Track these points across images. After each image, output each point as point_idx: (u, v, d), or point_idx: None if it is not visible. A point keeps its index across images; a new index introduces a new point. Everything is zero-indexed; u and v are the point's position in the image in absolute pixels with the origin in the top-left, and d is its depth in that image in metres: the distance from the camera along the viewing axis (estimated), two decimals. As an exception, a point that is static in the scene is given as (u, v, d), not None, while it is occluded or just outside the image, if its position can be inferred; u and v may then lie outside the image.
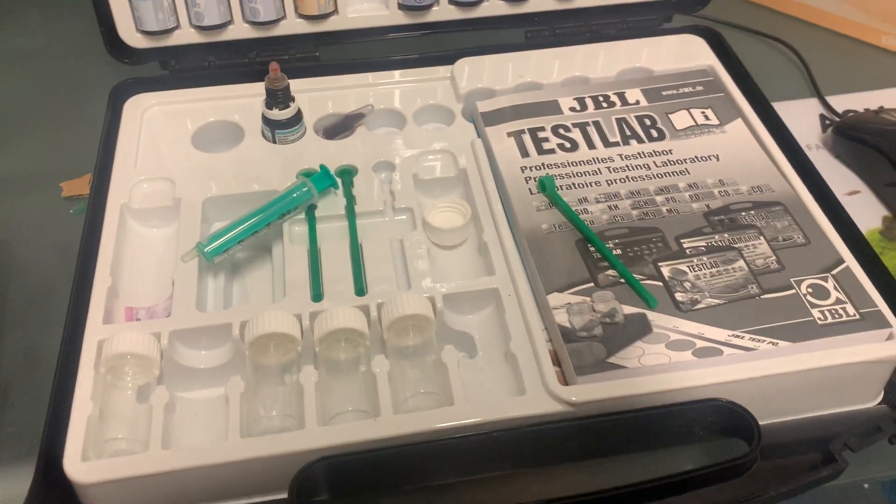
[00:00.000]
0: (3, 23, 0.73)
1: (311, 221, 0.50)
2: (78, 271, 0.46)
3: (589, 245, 0.47)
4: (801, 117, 0.64)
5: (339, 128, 0.57)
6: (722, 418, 0.40)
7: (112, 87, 0.58)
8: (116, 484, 0.38)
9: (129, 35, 0.58)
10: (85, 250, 0.47)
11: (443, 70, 0.60)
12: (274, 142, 0.55)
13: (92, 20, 0.71)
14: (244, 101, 0.57)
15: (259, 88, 0.57)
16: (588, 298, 0.44)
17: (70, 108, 0.64)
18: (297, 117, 0.55)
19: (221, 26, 0.58)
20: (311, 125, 0.56)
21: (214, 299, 0.47)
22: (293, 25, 0.59)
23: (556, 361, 0.42)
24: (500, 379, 0.43)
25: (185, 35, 0.58)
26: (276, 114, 0.54)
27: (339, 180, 0.52)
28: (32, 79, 0.67)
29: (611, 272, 0.45)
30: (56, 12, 0.73)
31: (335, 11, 0.59)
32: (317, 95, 0.58)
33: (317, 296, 0.45)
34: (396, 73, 0.60)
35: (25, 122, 0.63)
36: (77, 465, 0.38)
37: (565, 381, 0.41)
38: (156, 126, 0.56)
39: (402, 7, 0.60)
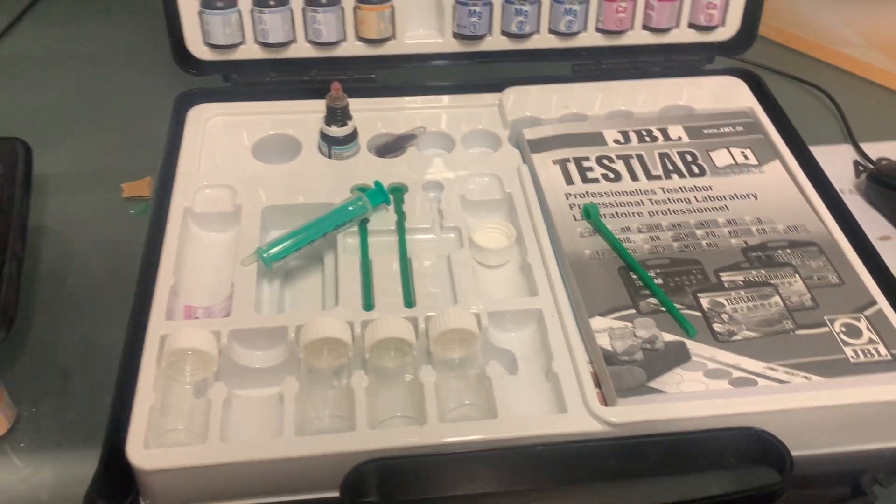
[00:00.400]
0: (67, 28, 0.76)
1: (364, 234, 0.52)
2: (142, 269, 0.48)
3: (631, 273, 0.49)
4: (836, 162, 0.66)
5: (390, 147, 0.59)
6: (755, 447, 0.42)
7: (176, 96, 0.60)
8: (176, 472, 0.40)
9: (197, 47, 0.60)
10: (149, 249, 0.49)
11: (491, 97, 0.63)
12: (329, 157, 0.57)
13: (153, 30, 0.74)
14: (302, 116, 0.60)
15: (316, 105, 0.59)
16: (630, 324, 0.46)
17: (130, 112, 0.67)
18: (353, 135, 0.57)
19: (284, 44, 0.61)
20: (365, 143, 0.59)
21: (269, 303, 0.50)
22: (352, 48, 0.62)
23: (597, 383, 0.44)
24: (541, 396, 0.45)
25: (249, 50, 0.61)
26: (335, 130, 0.56)
27: (391, 197, 0.54)
28: (95, 82, 0.70)
29: (652, 300, 0.47)
30: (118, 21, 0.77)
31: (393, 36, 0.62)
32: (370, 115, 0.60)
33: (368, 305, 0.47)
34: (447, 98, 0.63)
35: (88, 123, 0.66)
36: (139, 453, 0.40)
37: (605, 403, 0.43)
38: (217, 135, 0.59)
39: (456, 35, 0.62)
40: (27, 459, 0.45)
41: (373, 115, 0.61)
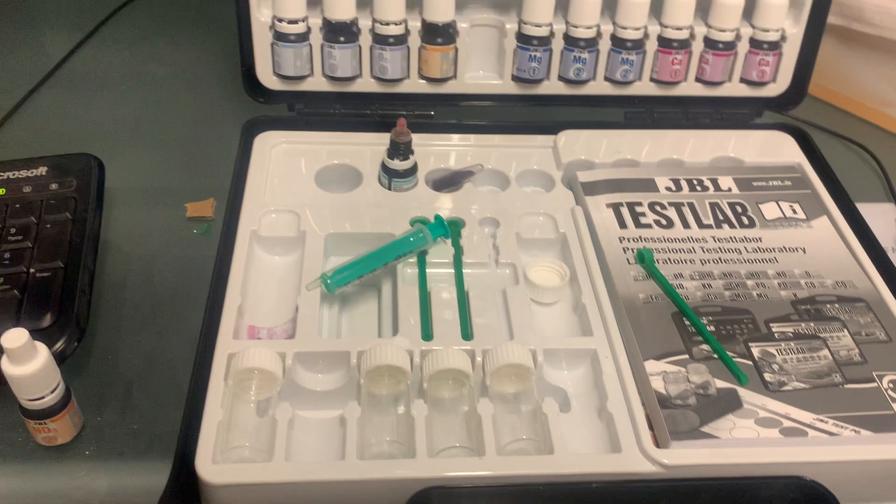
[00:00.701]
0: (135, 48, 0.79)
1: (422, 266, 0.54)
2: (212, 289, 0.50)
3: (684, 319, 0.50)
4: (879, 220, 0.67)
5: (447, 182, 0.61)
6: (804, 496, 0.42)
7: (244, 123, 0.63)
8: (242, 488, 0.41)
9: (266, 77, 0.63)
10: (218, 270, 0.51)
11: (545, 139, 0.65)
12: (389, 188, 0.59)
13: (219, 55, 0.78)
14: (362, 147, 0.62)
15: (376, 137, 0.62)
16: (683, 369, 0.47)
17: (195, 133, 0.70)
18: (414, 169, 0.59)
19: (351, 79, 0.63)
20: (422, 176, 0.61)
21: (328, 327, 0.51)
22: (415, 85, 0.64)
23: (650, 425, 0.45)
24: (594, 435, 0.46)
25: (316, 83, 0.63)
26: (397, 164, 0.58)
27: (449, 230, 0.56)
28: (161, 102, 0.73)
29: (704, 347, 0.48)
30: (185, 45, 0.79)
31: (454, 76, 0.64)
32: (426, 149, 0.62)
33: (427, 335, 0.49)
34: (503, 137, 0.65)
35: (154, 142, 0.68)
36: (207, 467, 0.41)
37: (658, 445, 0.44)
38: (282, 162, 0.61)
39: (514, 78, 0.65)
40: (91, 467, 0.46)
41: (429, 150, 0.63)
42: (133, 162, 0.65)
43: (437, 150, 0.63)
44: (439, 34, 0.62)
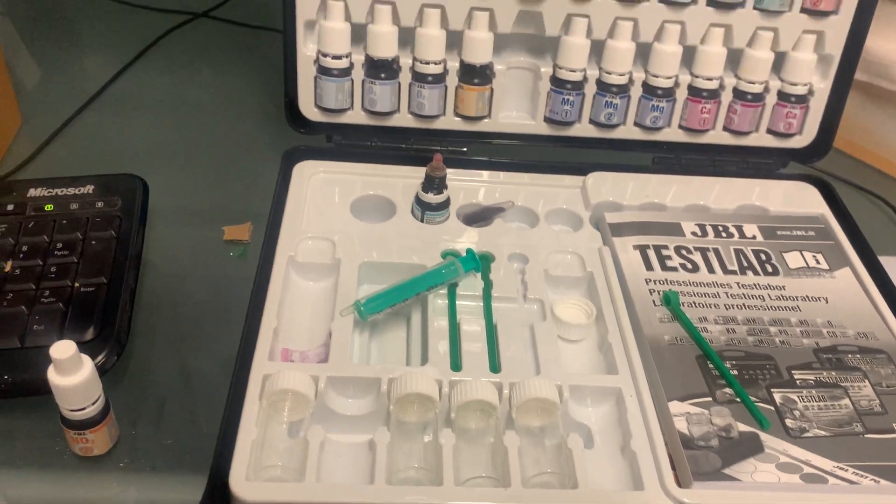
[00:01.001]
0: (178, 74, 0.82)
1: (452, 297, 0.55)
2: (249, 311, 0.51)
3: (708, 362, 0.51)
4: (899, 273, 0.68)
5: (478, 216, 0.63)
6: (824, 543, 0.43)
7: (284, 152, 0.65)
8: (273, 506, 0.42)
9: (308, 108, 0.65)
10: (256, 293, 0.53)
11: (573, 179, 0.66)
12: (422, 221, 0.61)
13: (258, 84, 0.80)
14: (397, 180, 0.64)
15: (410, 171, 0.64)
16: (706, 411, 0.48)
17: (234, 159, 0.72)
18: (447, 203, 0.61)
19: (389, 114, 0.65)
20: (454, 210, 0.62)
21: (359, 353, 0.52)
22: (450, 122, 0.66)
23: (672, 465, 0.46)
24: (617, 471, 0.47)
25: (356, 116, 0.65)
26: (431, 197, 0.60)
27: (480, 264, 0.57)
28: (201, 127, 0.75)
29: (728, 390, 0.49)
30: (226, 73, 0.82)
31: (488, 115, 0.66)
32: (459, 185, 0.64)
33: (456, 366, 0.50)
34: (533, 176, 0.66)
35: (193, 165, 0.71)
36: (241, 484, 0.42)
37: (680, 485, 0.45)
38: (319, 191, 0.63)
39: (547, 120, 0.67)
40: (125, 479, 0.47)
41: (460, 185, 0.64)
42: (173, 184, 0.66)
43: (468, 186, 0.65)
44: (476, 75, 0.64)
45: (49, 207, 0.57)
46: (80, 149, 0.71)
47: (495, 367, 0.51)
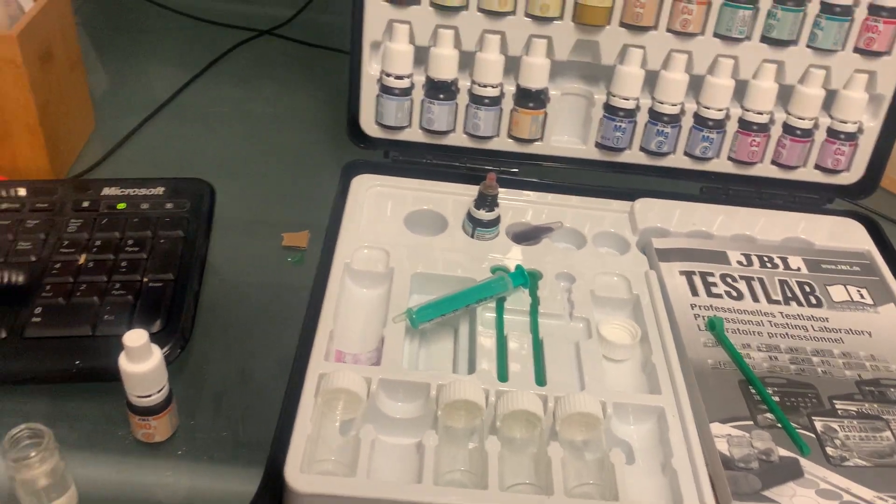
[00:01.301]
0: (242, 87, 0.85)
1: (500, 311, 0.57)
2: (308, 313, 0.54)
3: (751, 387, 0.52)
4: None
5: (527, 235, 0.64)
6: (861, 570, 0.44)
7: (344, 165, 0.67)
8: (325, 499, 0.44)
9: (368, 125, 0.68)
10: (314, 296, 0.55)
11: (620, 204, 0.68)
12: (472, 236, 0.63)
13: (319, 100, 0.83)
14: (448, 196, 0.66)
15: (462, 188, 0.66)
16: (747, 434, 0.49)
17: (294, 169, 0.75)
18: (497, 220, 0.63)
19: (444, 133, 0.68)
20: (503, 229, 0.64)
21: (408, 359, 0.54)
22: (503, 143, 0.68)
23: (712, 484, 0.47)
24: (657, 488, 0.48)
25: (413, 134, 0.68)
26: (483, 214, 0.62)
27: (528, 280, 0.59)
28: (264, 138, 0.78)
29: (769, 415, 0.50)
30: (289, 88, 0.85)
31: (541, 139, 0.68)
32: (508, 204, 0.66)
33: (503, 377, 0.52)
34: (581, 199, 0.68)
35: (255, 174, 0.74)
36: (295, 475, 0.44)
37: None
38: (375, 203, 0.65)
39: (598, 145, 0.68)
40: (183, 467, 0.50)
41: (509, 204, 0.66)
42: (236, 191, 0.69)
43: (518, 205, 0.67)
44: (532, 99, 0.66)
45: (122, 206, 0.61)
46: (148, 154, 0.75)
47: (541, 380, 0.52)
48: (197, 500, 0.48)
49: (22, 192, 0.61)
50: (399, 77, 0.65)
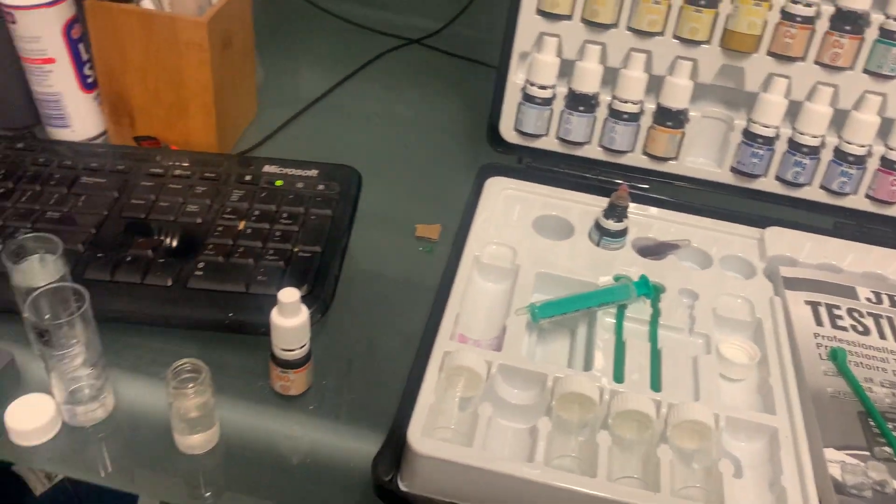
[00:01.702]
0: (388, 91, 0.91)
1: (620, 317, 0.59)
2: (437, 295, 0.58)
3: (869, 419, 0.51)
4: None
5: (652, 250, 0.66)
6: None
7: (480, 167, 0.71)
8: (443, 462, 0.47)
9: (507, 131, 0.71)
10: (444, 281, 0.59)
11: (749, 230, 0.68)
12: (598, 245, 0.65)
13: (459, 106, 0.87)
14: (575, 205, 0.68)
15: (590, 199, 0.68)
16: (862, 464, 0.48)
17: (429, 168, 0.79)
18: (624, 232, 0.65)
19: (580, 144, 0.70)
20: (629, 241, 0.66)
21: (526, 352, 0.57)
22: (637, 159, 0.70)
23: (822, 506, 0.47)
24: (763, 504, 0.48)
25: (549, 143, 0.71)
26: (611, 224, 0.64)
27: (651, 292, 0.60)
28: (403, 138, 0.83)
29: (887, 449, 0.49)
30: (431, 95, 0.90)
31: (675, 158, 0.70)
32: (635, 218, 0.68)
33: (618, 378, 0.53)
34: (710, 221, 0.69)
35: (394, 169, 0.78)
36: (417, 437, 0.47)
37: (828, 526, 0.46)
38: (507, 205, 0.68)
39: (733, 170, 0.69)
40: (312, 421, 0.54)
41: (637, 219, 0.68)
42: (376, 182, 0.74)
43: (643, 220, 0.68)
44: (671, 118, 0.68)
45: (279, 183, 0.66)
46: (301, 142, 0.81)
47: (656, 386, 0.53)
48: (320, 452, 0.53)
49: (193, 162, 0.68)
50: (542, 87, 0.68)
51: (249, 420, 0.54)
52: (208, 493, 0.50)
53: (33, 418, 0.50)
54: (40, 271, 0.52)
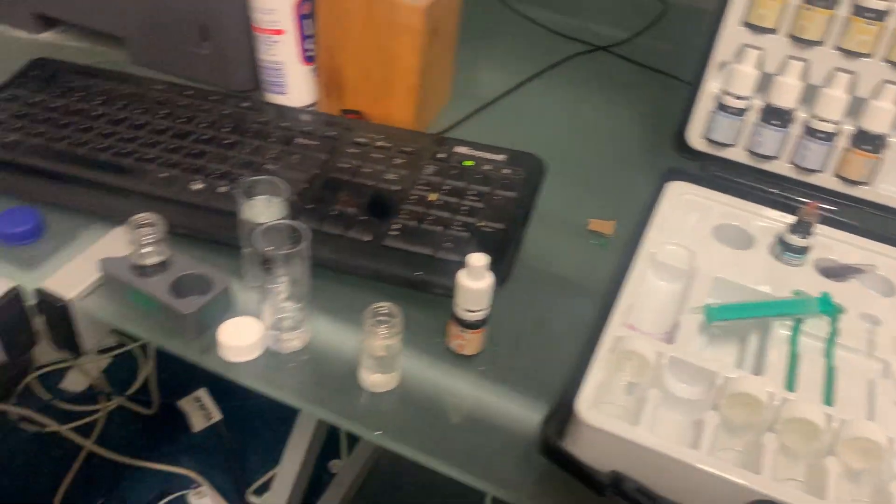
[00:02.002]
0: (574, 93, 0.94)
1: (796, 330, 0.58)
2: (611, 286, 0.60)
3: None
4: None
5: (835, 272, 0.65)
6: None
7: (663, 171, 0.72)
8: (607, 435, 0.49)
9: (695, 138, 0.72)
10: (617, 273, 0.61)
11: (943, 268, 0.66)
12: (778, 259, 0.64)
13: (641, 115, 0.89)
14: (758, 218, 0.68)
15: (773, 213, 0.68)
16: None
17: (608, 167, 0.81)
18: (807, 249, 0.64)
19: (769, 158, 0.70)
20: (810, 259, 0.65)
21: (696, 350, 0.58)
22: (827, 180, 0.69)
23: None
24: (935, 534, 0.47)
25: (737, 153, 0.71)
26: (795, 240, 0.63)
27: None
28: (585, 139, 0.86)
29: None
30: (615, 100, 0.92)
31: (869, 183, 0.68)
32: (818, 238, 0.67)
33: (790, 386, 0.53)
34: (898, 251, 0.67)
35: (574, 165, 0.81)
36: (585, 408, 0.50)
37: None
38: (687, 209, 0.69)
39: (931, 202, 0.67)
40: (479, 381, 0.58)
41: (820, 240, 0.67)
42: (556, 174, 0.77)
43: (826, 242, 0.67)
44: (869, 142, 0.66)
45: (468, 163, 0.71)
46: (486, 131, 0.85)
47: (829, 401, 0.53)
48: (485, 411, 0.56)
49: (393, 136, 0.74)
50: (739, 97, 0.69)
51: (424, 371, 0.58)
52: (378, 432, 0.54)
53: (242, 338, 0.57)
54: (265, 210, 0.58)
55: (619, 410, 0.51)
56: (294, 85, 0.80)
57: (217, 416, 1.38)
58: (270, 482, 1.29)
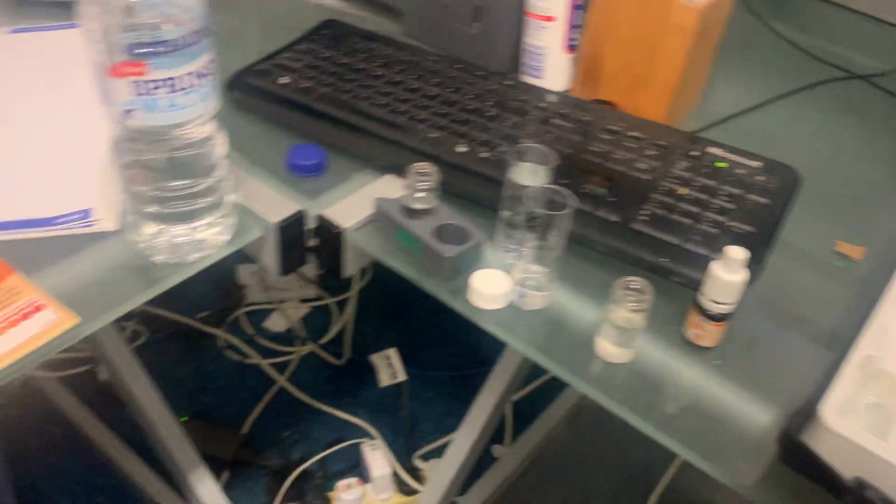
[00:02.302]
0: (823, 117, 0.91)
1: None
2: (860, 307, 0.58)
3: None
4: None
5: None
6: None
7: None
8: (851, 445, 0.48)
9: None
10: (867, 295, 0.59)
11: None
12: None
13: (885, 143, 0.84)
14: None
15: None
16: None
17: (857, 194, 0.79)
18: None
19: None
20: None
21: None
22: None
23: None
24: None
25: None
26: None
27: None
28: (835, 161, 0.84)
29: None
30: (868, 126, 0.89)
31: None
32: None
33: None
34: None
35: (821, 187, 0.78)
36: (832, 415, 0.50)
37: None
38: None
39: None
40: (710, 374, 0.59)
41: None
42: (806, 191, 0.75)
43: None
44: None
45: (721, 164, 0.71)
46: (736, 138, 0.85)
47: None
48: (714, 402, 0.57)
49: (646, 129, 0.76)
50: None
51: (657, 353, 0.60)
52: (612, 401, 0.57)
53: (492, 287, 0.61)
54: (530, 175, 0.63)
55: (864, 422, 0.50)
56: (552, 70, 0.84)
57: (402, 376, 1.46)
58: (435, 451, 1.35)
